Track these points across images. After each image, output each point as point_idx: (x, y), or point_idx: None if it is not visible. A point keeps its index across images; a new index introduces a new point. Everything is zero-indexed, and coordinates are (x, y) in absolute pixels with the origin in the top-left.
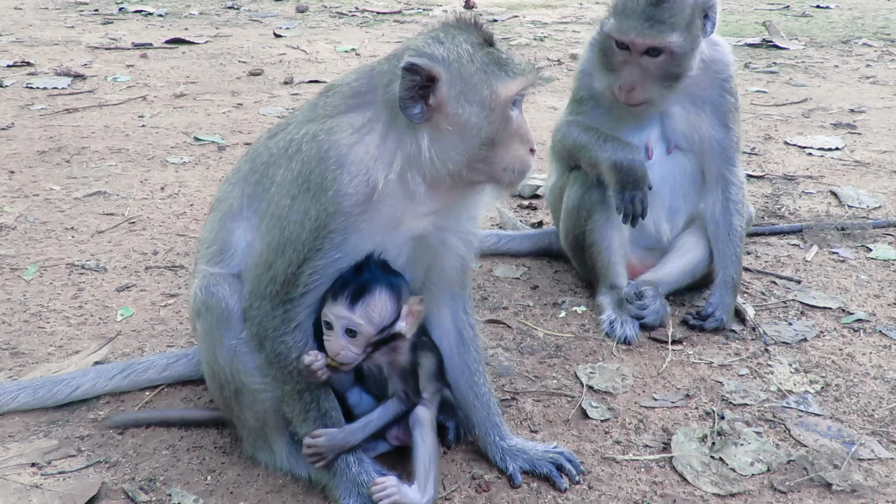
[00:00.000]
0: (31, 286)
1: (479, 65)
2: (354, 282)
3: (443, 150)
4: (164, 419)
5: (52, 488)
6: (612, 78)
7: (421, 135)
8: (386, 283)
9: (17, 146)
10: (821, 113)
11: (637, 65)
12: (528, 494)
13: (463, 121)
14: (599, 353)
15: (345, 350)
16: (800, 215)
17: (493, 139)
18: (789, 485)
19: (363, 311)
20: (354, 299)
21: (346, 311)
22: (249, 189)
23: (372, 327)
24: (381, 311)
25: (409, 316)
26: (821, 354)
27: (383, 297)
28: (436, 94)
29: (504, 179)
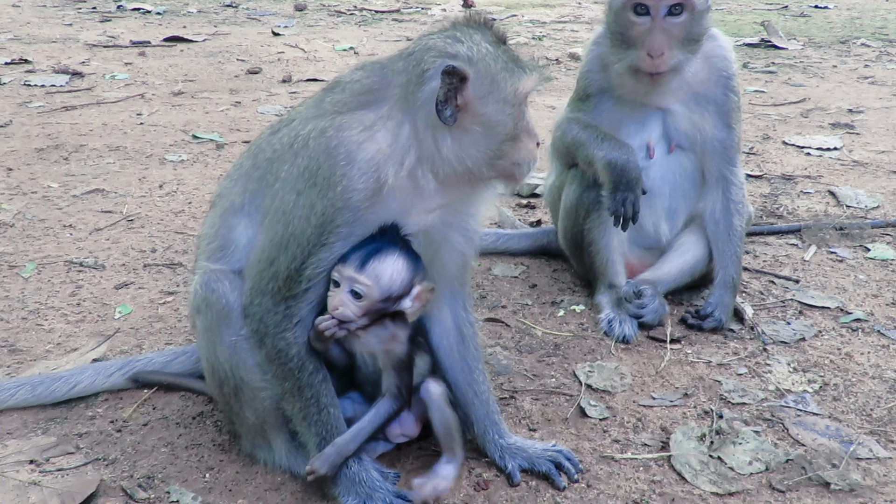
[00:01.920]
0: (30, 283)
1: (501, 63)
2: (370, 244)
3: (463, 149)
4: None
5: (51, 485)
6: (633, 53)
7: (443, 135)
8: (402, 253)
9: (14, 143)
10: (819, 113)
11: (660, 29)
12: (527, 493)
13: (487, 119)
14: (598, 351)
15: (345, 307)
16: (798, 215)
17: (514, 135)
18: (788, 484)
19: (373, 272)
20: (366, 260)
21: (355, 272)
22: (252, 185)
23: (378, 291)
24: (392, 276)
25: (417, 298)
26: (819, 354)
27: (397, 264)
28: (463, 93)
29: (515, 174)
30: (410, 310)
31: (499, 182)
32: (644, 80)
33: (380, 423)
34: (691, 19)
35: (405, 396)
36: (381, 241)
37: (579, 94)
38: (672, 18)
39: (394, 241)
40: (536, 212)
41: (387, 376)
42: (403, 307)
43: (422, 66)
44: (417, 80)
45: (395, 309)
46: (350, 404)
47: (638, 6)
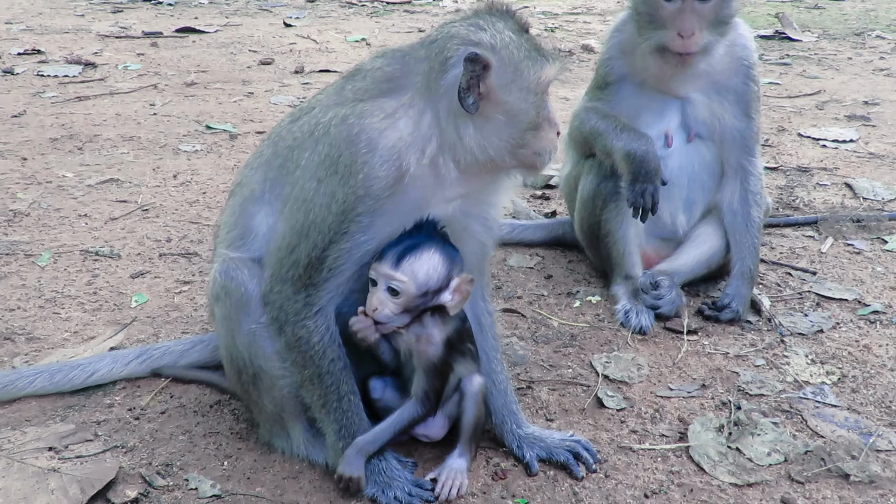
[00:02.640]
0: (46, 272)
1: (524, 51)
2: (407, 240)
3: (485, 137)
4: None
5: (70, 472)
6: (662, 33)
7: (465, 123)
8: (439, 247)
9: (29, 133)
10: (834, 105)
11: (690, 10)
12: (545, 482)
13: (510, 107)
14: (614, 342)
15: (383, 306)
16: (814, 207)
17: (537, 123)
18: (807, 475)
19: (409, 269)
20: (402, 256)
21: (391, 269)
22: (272, 173)
23: (415, 287)
24: (428, 272)
25: (457, 291)
26: (837, 346)
27: (433, 259)
28: (485, 81)
29: (535, 163)
30: (451, 303)
31: (519, 171)
32: (671, 62)
33: (402, 427)
34: (721, 2)
35: (432, 403)
36: (416, 236)
37: (598, 81)
38: (702, 3)
39: (430, 235)
40: (551, 203)
41: (417, 379)
42: (443, 301)
43: (444, 53)
44: (440, 67)
45: (434, 304)
46: (381, 386)
47: None
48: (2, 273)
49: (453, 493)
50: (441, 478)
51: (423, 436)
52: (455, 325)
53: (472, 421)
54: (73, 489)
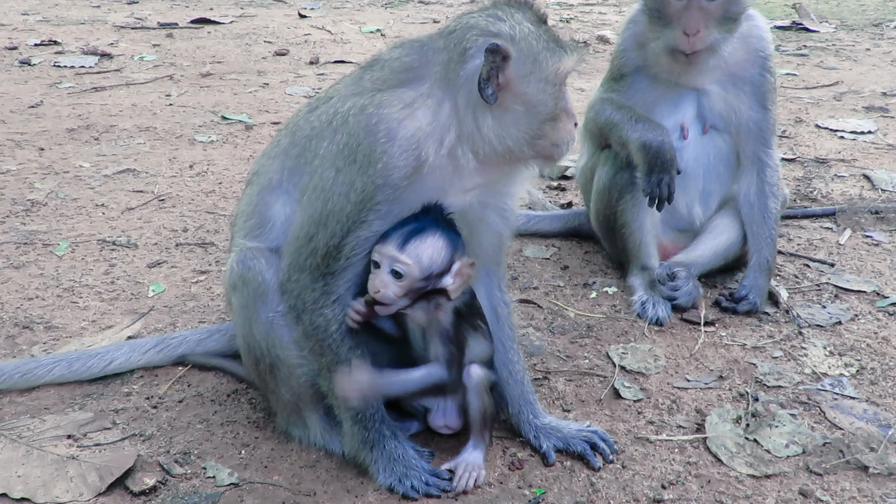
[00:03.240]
0: (64, 262)
1: (543, 42)
2: (411, 224)
3: (504, 128)
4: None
5: (89, 460)
6: (669, 32)
7: (483, 114)
8: (443, 231)
9: (46, 124)
10: (852, 96)
11: (697, 8)
12: (562, 473)
13: (528, 98)
14: (631, 333)
15: (386, 288)
16: (832, 198)
17: (555, 114)
18: (825, 467)
19: (413, 252)
20: (406, 240)
21: (395, 251)
22: (290, 162)
23: (418, 270)
24: (432, 256)
25: (458, 275)
26: (855, 338)
27: (437, 243)
28: (504, 72)
29: (553, 154)
30: (452, 286)
31: (537, 162)
32: (680, 60)
33: (425, 384)
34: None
35: (454, 369)
36: (421, 219)
37: (613, 73)
38: (708, 1)
39: (435, 219)
40: (567, 194)
41: (433, 346)
42: (445, 284)
43: (463, 44)
44: (459, 58)
45: (436, 287)
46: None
47: None
48: (20, 262)
49: (469, 484)
50: (458, 471)
51: (442, 427)
52: (463, 298)
53: (477, 412)
54: (92, 476)
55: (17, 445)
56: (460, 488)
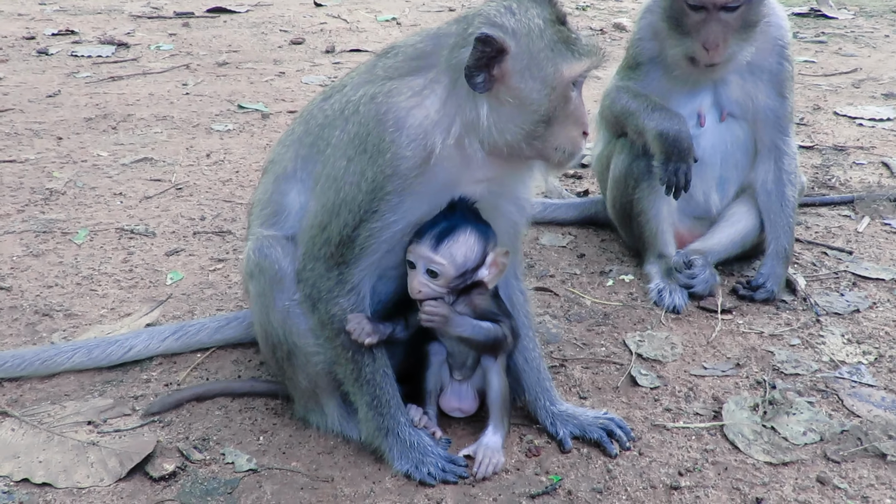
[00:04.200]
0: (83, 250)
1: (547, 42)
2: (442, 223)
3: (501, 121)
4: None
5: (109, 445)
6: (688, 42)
7: (481, 103)
8: (473, 226)
9: (63, 113)
10: (871, 83)
11: (716, 21)
12: (579, 460)
13: (523, 95)
14: (648, 321)
15: (425, 288)
16: (851, 186)
17: (550, 117)
18: (843, 454)
19: (447, 252)
20: (439, 240)
21: (429, 252)
22: (304, 151)
23: (454, 269)
24: (466, 254)
25: (493, 266)
26: (874, 326)
27: (469, 240)
28: (501, 65)
29: (553, 159)
30: (488, 277)
31: (539, 163)
32: (698, 67)
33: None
34: (748, 10)
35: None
36: (450, 217)
37: (629, 61)
38: (727, 12)
39: (464, 215)
40: (583, 182)
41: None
42: (481, 277)
43: (469, 30)
44: (462, 43)
45: (473, 280)
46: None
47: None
48: (39, 251)
49: (490, 470)
50: (478, 456)
51: (456, 409)
52: None
53: (498, 392)
54: (112, 462)
55: (37, 431)
56: (481, 475)
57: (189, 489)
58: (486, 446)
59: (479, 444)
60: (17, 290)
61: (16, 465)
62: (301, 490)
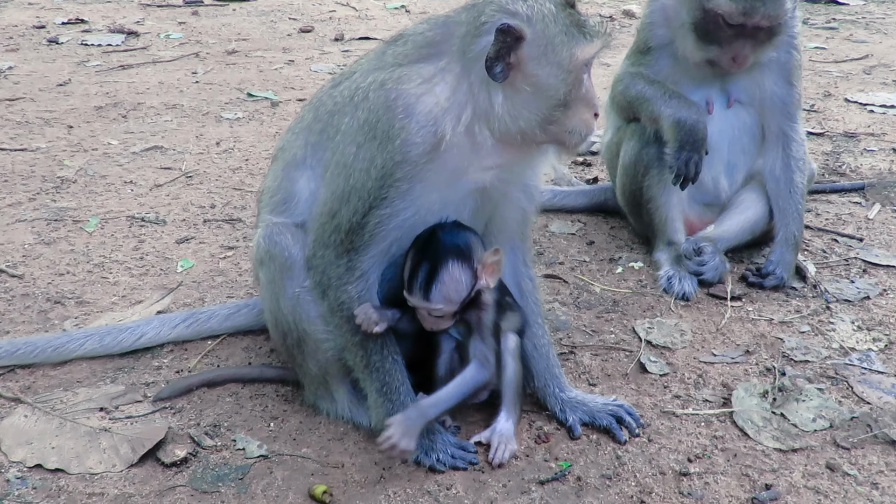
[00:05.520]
0: (94, 238)
1: (560, 26)
2: (422, 267)
3: (515, 108)
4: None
5: (121, 432)
6: (715, 50)
7: (495, 91)
8: (453, 254)
9: (74, 102)
10: (882, 70)
11: (750, 37)
12: (588, 446)
13: (540, 81)
14: (657, 308)
15: (436, 324)
16: (861, 173)
17: (566, 101)
18: (853, 441)
19: (439, 297)
20: (427, 288)
21: (424, 303)
22: (313, 138)
23: (453, 305)
24: (457, 288)
25: (487, 271)
26: (884, 313)
27: (454, 274)
28: (517, 52)
29: (568, 142)
30: (486, 284)
31: (552, 148)
32: (718, 69)
33: (468, 391)
34: (778, 27)
35: (493, 364)
36: (429, 255)
37: (640, 46)
38: (761, 31)
39: (440, 248)
40: (593, 169)
41: (475, 342)
42: (480, 287)
43: (481, 18)
44: (475, 31)
45: (474, 294)
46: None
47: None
48: (51, 238)
49: (506, 456)
50: (493, 442)
51: None
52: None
53: (513, 378)
54: (124, 448)
55: (50, 418)
56: (497, 461)
57: (200, 475)
58: (499, 433)
59: (493, 430)
60: (29, 278)
61: (29, 451)
62: (311, 476)
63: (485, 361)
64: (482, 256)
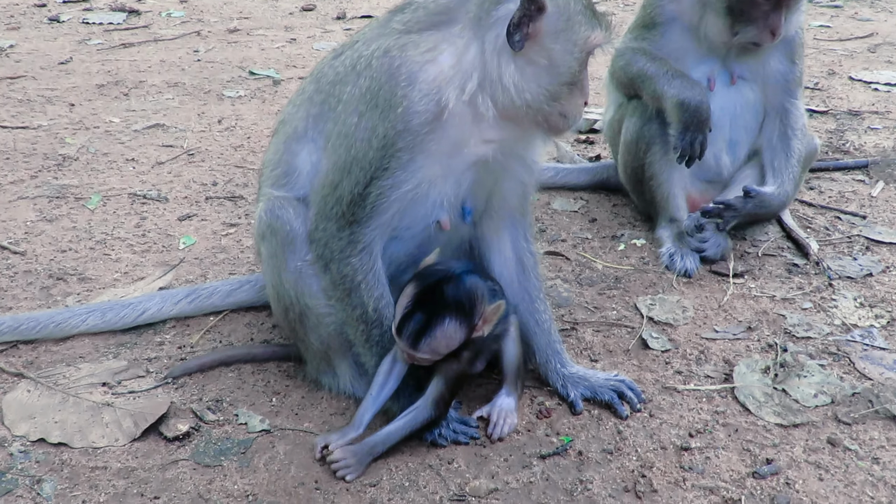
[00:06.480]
0: (96, 215)
1: (581, 7)
2: (416, 317)
3: (525, 80)
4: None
5: (124, 406)
6: (751, 29)
7: (507, 60)
8: (453, 311)
9: (76, 80)
10: (887, 48)
11: (785, 8)
12: (589, 421)
13: (554, 55)
14: (659, 285)
15: (418, 363)
16: (865, 151)
17: (573, 81)
18: (854, 417)
19: (427, 348)
20: (417, 339)
21: (411, 350)
22: (314, 109)
23: (438, 356)
24: (448, 344)
25: (486, 323)
26: (886, 289)
27: (448, 331)
28: (536, 23)
29: (558, 125)
30: (480, 335)
31: (544, 130)
32: (747, 45)
33: (413, 430)
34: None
35: (443, 410)
36: (427, 305)
37: (645, 20)
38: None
39: (439, 301)
40: (595, 147)
41: (436, 383)
42: (474, 336)
43: None
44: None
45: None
46: None
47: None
48: (53, 216)
49: (505, 430)
50: (493, 417)
51: None
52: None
53: (513, 359)
54: (127, 422)
55: (53, 393)
56: (496, 435)
57: (203, 449)
58: (499, 407)
59: (493, 405)
60: (32, 255)
61: (32, 425)
62: (313, 450)
63: (435, 405)
64: (485, 310)
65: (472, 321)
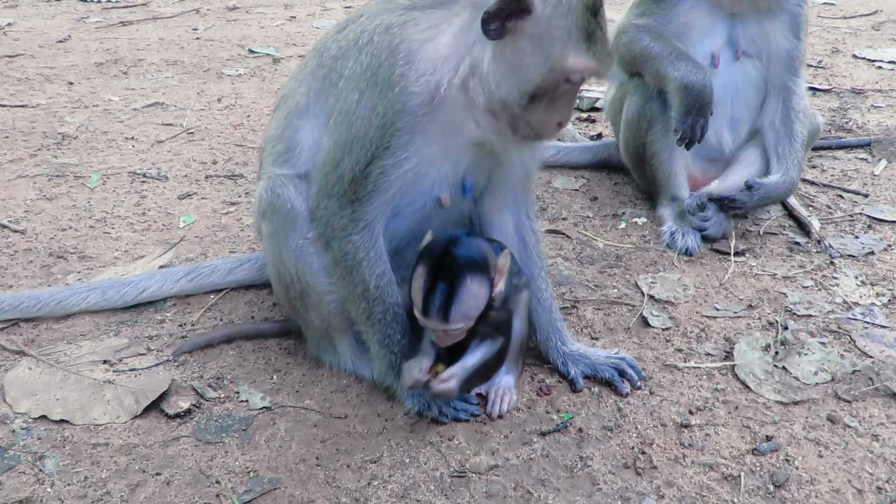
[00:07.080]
0: (95, 193)
1: (569, 23)
2: (438, 288)
3: (498, 74)
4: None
5: (125, 384)
6: None
7: (486, 46)
8: (470, 269)
9: (74, 58)
10: (891, 25)
11: None
12: (590, 398)
13: (522, 60)
14: (660, 263)
15: (452, 341)
16: (868, 129)
17: (535, 96)
18: (854, 394)
19: (458, 316)
20: (446, 310)
21: (443, 325)
22: (316, 84)
23: (471, 321)
24: (477, 304)
25: (500, 276)
26: (888, 268)
27: (473, 290)
28: (517, 21)
29: (525, 134)
30: (499, 290)
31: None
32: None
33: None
34: None
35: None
36: (444, 274)
37: None
38: None
39: (459, 261)
40: (597, 125)
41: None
42: (495, 294)
43: None
44: None
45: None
46: None
47: None
48: (53, 194)
49: (504, 408)
50: (491, 394)
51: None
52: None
53: (518, 335)
54: (128, 400)
55: (54, 370)
56: (495, 413)
57: (204, 426)
58: (499, 384)
59: (493, 382)
60: (32, 233)
61: (34, 402)
62: (314, 427)
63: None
64: (496, 263)
65: (490, 273)
